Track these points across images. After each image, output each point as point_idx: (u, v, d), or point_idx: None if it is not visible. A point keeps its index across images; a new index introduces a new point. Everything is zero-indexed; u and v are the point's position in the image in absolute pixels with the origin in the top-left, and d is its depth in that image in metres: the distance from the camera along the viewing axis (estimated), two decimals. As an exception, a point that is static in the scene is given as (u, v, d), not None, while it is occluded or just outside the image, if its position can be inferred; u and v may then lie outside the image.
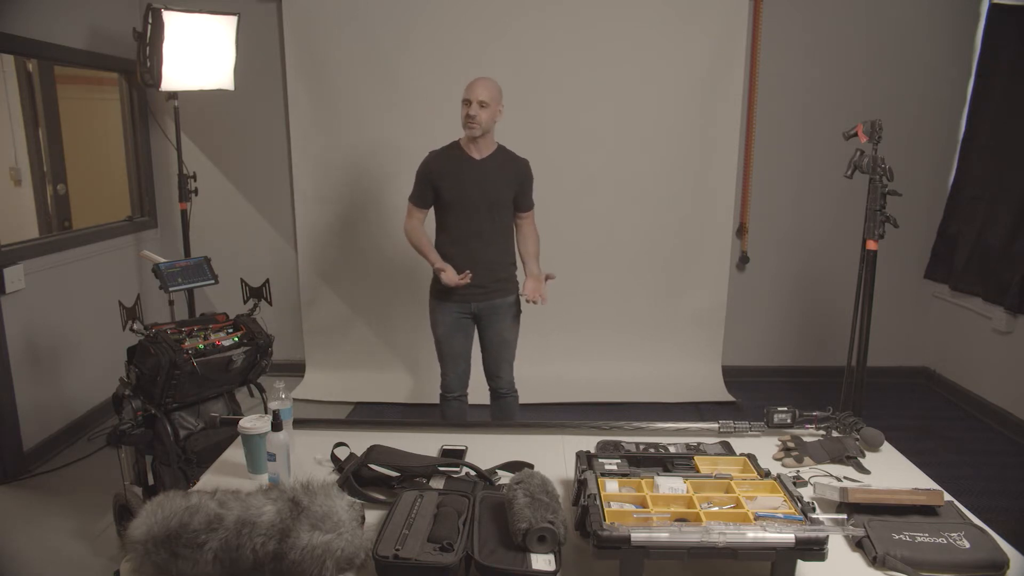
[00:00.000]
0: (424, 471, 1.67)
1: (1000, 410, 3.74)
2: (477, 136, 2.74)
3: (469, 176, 2.78)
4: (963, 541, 1.36)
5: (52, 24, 3.39)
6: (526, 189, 2.90)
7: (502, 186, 2.82)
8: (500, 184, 2.81)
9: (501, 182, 2.81)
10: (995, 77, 3.85)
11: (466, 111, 2.71)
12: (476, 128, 2.71)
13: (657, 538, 1.20)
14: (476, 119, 2.69)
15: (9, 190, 4.01)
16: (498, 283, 2.89)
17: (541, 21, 3.93)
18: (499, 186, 2.81)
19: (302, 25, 3.97)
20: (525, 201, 2.91)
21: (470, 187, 2.78)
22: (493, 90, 2.73)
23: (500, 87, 2.78)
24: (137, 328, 2.38)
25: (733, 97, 3.99)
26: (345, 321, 4.29)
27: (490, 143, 2.82)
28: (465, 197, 2.79)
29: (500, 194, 2.81)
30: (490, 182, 2.79)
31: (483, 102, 2.69)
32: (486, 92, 2.71)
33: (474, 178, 2.78)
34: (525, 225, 2.96)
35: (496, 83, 2.77)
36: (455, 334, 2.92)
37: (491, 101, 2.71)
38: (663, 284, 4.20)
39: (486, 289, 2.86)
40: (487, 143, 2.81)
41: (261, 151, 4.23)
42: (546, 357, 4.07)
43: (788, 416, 1.94)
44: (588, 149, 4.05)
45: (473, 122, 2.70)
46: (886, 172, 2.78)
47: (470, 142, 2.79)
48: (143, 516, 1.31)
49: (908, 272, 4.27)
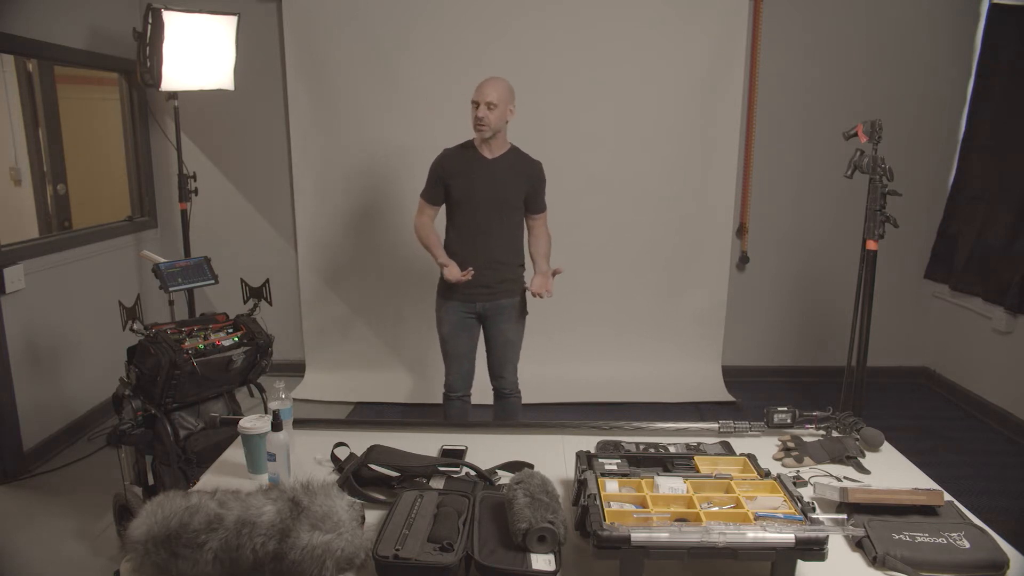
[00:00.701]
0: (424, 471, 1.67)
1: (1000, 410, 3.74)
2: (487, 137, 2.74)
3: (479, 175, 2.78)
4: (963, 541, 1.36)
5: (52, 24, 3.39)
6: (538, 191, 2.89)
7: (512, 187, 2.81)
8: (510, 184, 2.81)
9: (511, 183, 2.81)
10: (995, 77, 3.85)
11: (474, 113, 2.71)
12: (485, 130, 2.70)
13: (657, 538, 1.20)
14: (484, 120, 2.68)
15: (9, 190, 4.00)
16: (504, 283, 2.88)
17: (541, 21, 3.93)
18: (509, 186, 2.80)
19: (302, 25, 3.97)
20: (537, 203, 2.91)
21: (479, 186, 2.78)
22: (503, 91, 2.71)
23: (511, 87, 2.76)
24: (137, 328, 2.38)
25: (733, 97, 3.99)
26: (345, 321, 4.29)
27: (502, 143, 2.82)
28: (474, 196, 2.79)
29: (509, 194, 2.81)
30: (500, 182, 2.79)
31: (491, 103, 2.68)
32: (495, 93, 2.69)
33: (484, 177, 2.78)
34: (537, 227, 2.95)
35: (506, 83, 2.75)
36: (459, 333, 2.92)
37: (500, 102, 2.69)
38: (663, 284, 4.20)
39: (491, 289, 2.86)
40: (499, 143, 2.80)
41: (261, 151, 4.23)
42: (546, 357, 4.06)
43: (788, 416, 1.94)
44: (588, 149, 4.05)
45: (482, 124, 2.69)
46: (886, 172, 2.78)
47: (482, 142, 2.78)
48: (143, 516, 1.31)
49: (908, 272, 4.26)
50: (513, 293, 2.91)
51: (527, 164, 2.87)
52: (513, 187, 2.82)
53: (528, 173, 2.85)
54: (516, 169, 2.83)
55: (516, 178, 2.82)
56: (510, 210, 2.85)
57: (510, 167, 2.81)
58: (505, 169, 2.80)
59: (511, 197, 2.82)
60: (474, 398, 3.08)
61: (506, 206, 2.83)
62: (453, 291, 2.85)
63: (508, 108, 2.74)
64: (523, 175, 2.84)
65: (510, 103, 2.75)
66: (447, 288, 2.87)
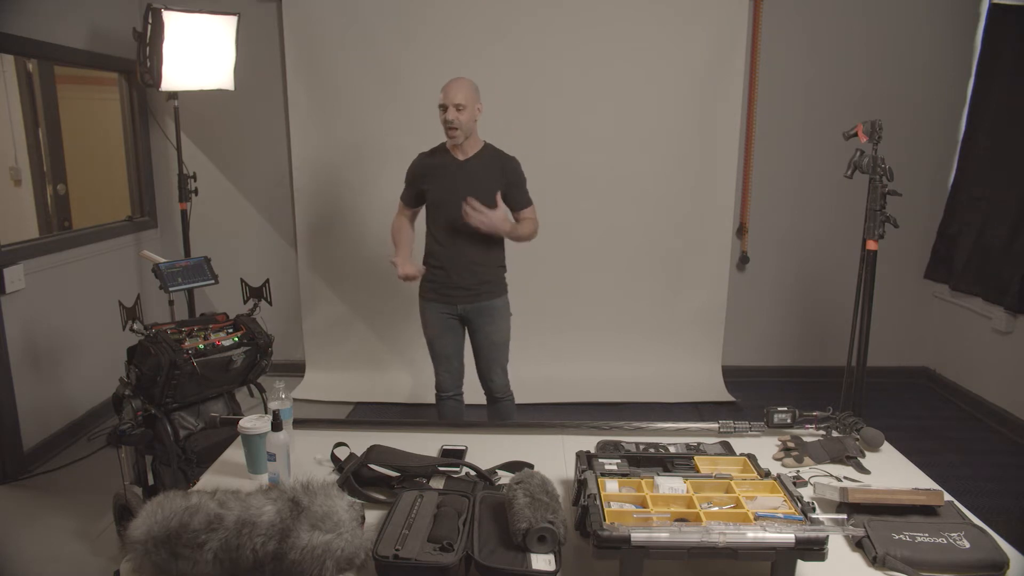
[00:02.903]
0: (424, 471, 1.67)
1: (1000, 410, 3.74)
2: (459, 141, 2.72)
3: (453, 178, 2.76)
4: (963, 541, 1.36)
5: (52, 24, 3.39)
6: (515, 186, 2.83)
7: (487, 187, 2.76)
8: (484, 185, 2.76)
9: (486, 183, 2.77)
10: (995, 77, 3.85)
11: (444, 116, 2.68)
12: (458, 134, 2.69)
13: (657, 538, 1.20)
14: (455, 123, 2.66)
15: (9, 190, 4.00)
16: (483, 285, 2.85)
17: (541, 21, 3.93)
18: (483, 187, 2.75)
19: (302, 25, 3.97)
20: (518, 199, 2.85)
21: (453, 189, 2.74)
22: (469, 90, 2.69)
23: (476, 84, 2.74)
24: (137, 328, 2.38)
25: (733, 97, 3.99)
26: (345, 321, 4.29)
27: (475, 142, 2.79)
28: (448, 198, 2.75)
29: (484, 195, 2.73)
30: (474, 183, 2.74)
31: (460, 105, 2.65)
32: (461, 94, 2.66)
33: (458, 179, 2.75)
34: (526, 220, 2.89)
35: (471, 82, 2.72)
36: (444, 334, 2.91)
37: (468, 103, 2.67)
38: (663, 284, 4.20)
39: (471, 291, 2.83)
40: (471, 143, 2.77)
41: (261, 151, 4.23)
42: (546, 357, 4.07)
43: (788, 416, 1.94)
44: (588, 149, 4.05)
45: (453, 127, 2.67)
46: (886, 172, 2.78)
47: (454, 144, 2.76)
48: (143, 516, 1.31)
49: (908, 272, 4.26)
50: (494, 295, 2.88)
51: (501, 161, 2.82)
52: (487, 187, 2.76)
53: (502, 170, 2.80)
54: (490, 168, 2.79)
55: (490, 177, 2.78)
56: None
57: (484, 167, 2.78)
58: (479, 170, 2.77)
59: (486, 198, 2.74)
60: (470, 398, 3.07)
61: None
62: (431, 292, 2.87)
63: (476, 107, 2.72)
64: (497, 173, 2.79)
65: (477, 102, 2.73)
66: (426, 289, 2.88)
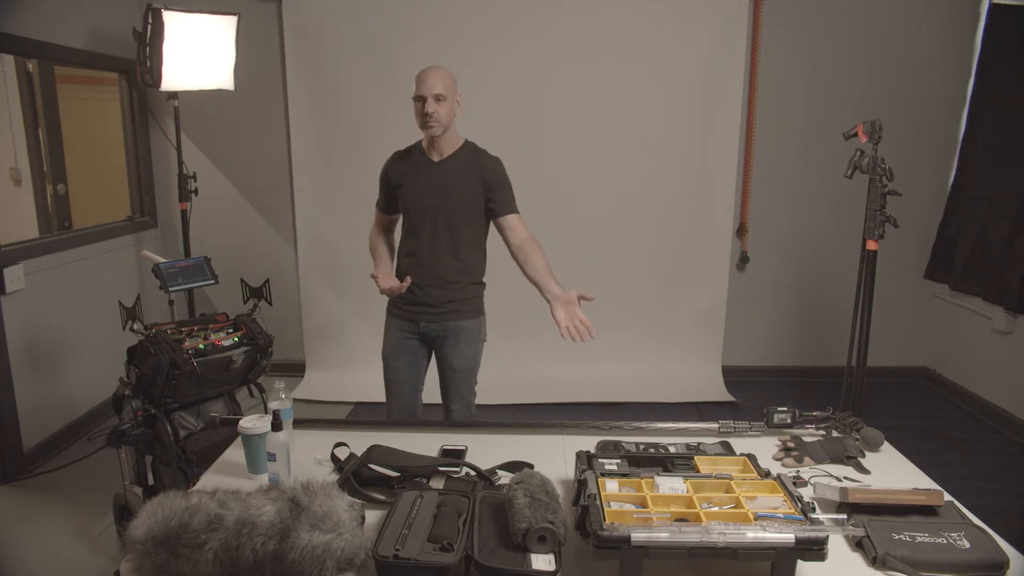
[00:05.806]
0: (424, 471, 1.67)
1: (1000, 410, 3.74)
2: (438, 135, 2.37)
3: (426, 181, 2.42)
4: (963, 541, 1.36)
5: (52, 24, 3.39)
6: (498, 189, 2.42)
7: (463, 192, 2.41)
8: (460, 190, 2.40)
9: (462, 187, 2.40)
10: (995, 77, 3.85)
11: (421, 108, 2.33)
12: (436, 127, 2.33)
13: (657, 538, 1.20)
14: (434, 116, 2.31)
15: (9, 190, 4.01)
16: (451, 303, 2.46)
17: (541, 21, 3.93)
18: (459, 192, 2.41)
19: (302, 25, 3.97)
20: (501, 204, 2.41)
21: (425, 193, 2.42)
22: (448, 80, 2.34)
23: (454, 75, 2.39)
24: (137, 328, 2.38)
25: (733, 97, 3.99)
26: (345, 321, 4.29)
27: (452, 141, 2.44)
28: (419, 204, 2.43)
29: (459, 202, 2.41)
30: (448, 188, 2.41)
31: (439, 95, 2.30)
32: (441, 83, 2.31)
33: (431, 183, 2.42)
34: (514, 234, 2.38)
35: (449, 71, 2.38)
36: (398, 357, 2.53)
37: (447, 93, 2.32)
38: (663, 284, 4.20)
39: (436, 309, 2.46)
40: (448, 142, 2.42)
41: (261, 151, 4.23)
42: (546, 357, 4.06)
43: (788, 416, 1.94)
44: (588, 149, 4.05)
45: (431, 120, 2.32)
46: (886, 172, 2.78)
47: (431, 143, 2.43)
48: (143, 516, 1.31)
49: (908, 272, 4.26)
50: (462, 316, 2.48)
51: (480, 162, 2.43)
52: (465, 192, 2.40)
53: (481, 173, 2.40)
54: (467, 171, 2.41)
55: (467, 181, 2.40)
56: (461, 220, 2.42)
57: (460, 170, 2.41)
58: (456, 173, 2.41)
59: (462, 204, 2.41)
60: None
61: (456, 217, 2.41)
62: (393, 307, 2.54)
63: (456, 99, 2.39)
64: (476, 175, 2.40)
65: (456, 93, 2.39)
66: (390, 303, 2.55)
